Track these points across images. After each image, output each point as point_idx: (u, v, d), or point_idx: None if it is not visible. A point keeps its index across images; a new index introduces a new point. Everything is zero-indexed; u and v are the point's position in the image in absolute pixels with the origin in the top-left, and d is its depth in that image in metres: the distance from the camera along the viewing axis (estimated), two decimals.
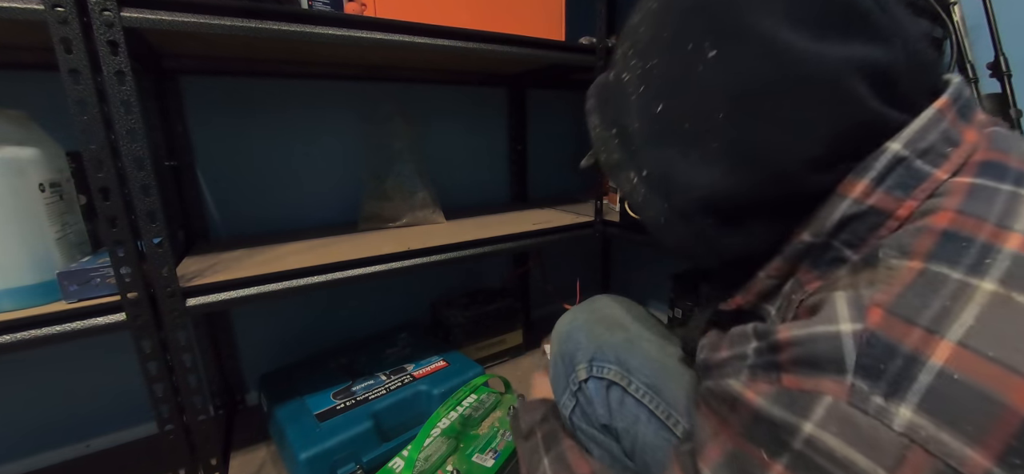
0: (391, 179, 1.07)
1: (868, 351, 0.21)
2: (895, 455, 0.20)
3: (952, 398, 0.19)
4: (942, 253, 0.22)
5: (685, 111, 0.28)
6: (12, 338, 0.57)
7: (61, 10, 0.53)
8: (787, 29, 0.24)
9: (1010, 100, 0.72)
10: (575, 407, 0.58)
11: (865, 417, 0.21)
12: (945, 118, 0.25)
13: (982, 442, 0.19)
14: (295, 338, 1.13)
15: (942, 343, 0.20)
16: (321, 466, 0.76)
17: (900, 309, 0.22)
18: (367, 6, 0.84)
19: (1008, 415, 0.18)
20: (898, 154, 0.25)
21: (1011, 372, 0.19)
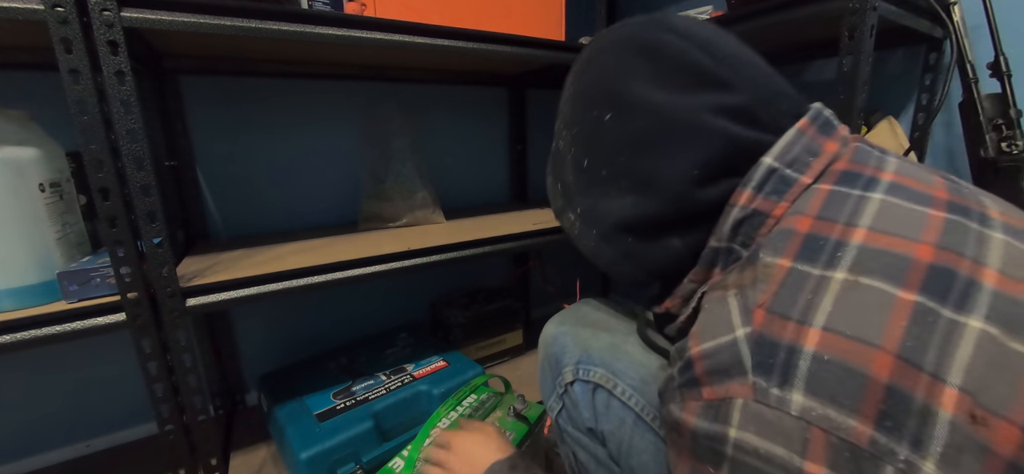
0: (391, 179, 1.07)
1: (759, 350, 0.25)
2: (800, 439, 0.23)
3: (828, 377, 0.23)
4: (804, 253, 0.27)
5: (600, 161, 0.37)
6: (12, 338, 0.57)
7: (61, 10, 0.53)
8: (655, 90, 0.33)
9: (1010, 100, 0.72)
10: (561, 410, 0.58)
11: (770, 410, 0.24)
12: (806, 134, 0.32)
13: (860, 411, 0.22)
14: (295, 338, 1.13)
15: (811, 331, 0.24)
16: (321, 466, 0.76)
17: (777, 307, 0.26)
18: (367, 6, 0.84)
19: (873, 384, 0.22)
20: (770, 166, 0.31)
21: (867, 345, 0.23)
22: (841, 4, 0.64)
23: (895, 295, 0.24)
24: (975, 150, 0.75)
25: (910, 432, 0.21)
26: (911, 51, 0.89)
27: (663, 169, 0.33)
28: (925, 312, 0.23)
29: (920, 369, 0.22)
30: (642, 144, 0.34)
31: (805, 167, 0.31)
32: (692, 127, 0.32)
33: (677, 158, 0.32)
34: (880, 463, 0.21)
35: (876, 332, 0.23)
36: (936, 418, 0.21)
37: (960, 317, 0.23)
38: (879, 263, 0.25)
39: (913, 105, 0.90)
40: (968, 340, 0.22)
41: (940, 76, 0.86)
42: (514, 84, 1.31)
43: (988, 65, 0.73)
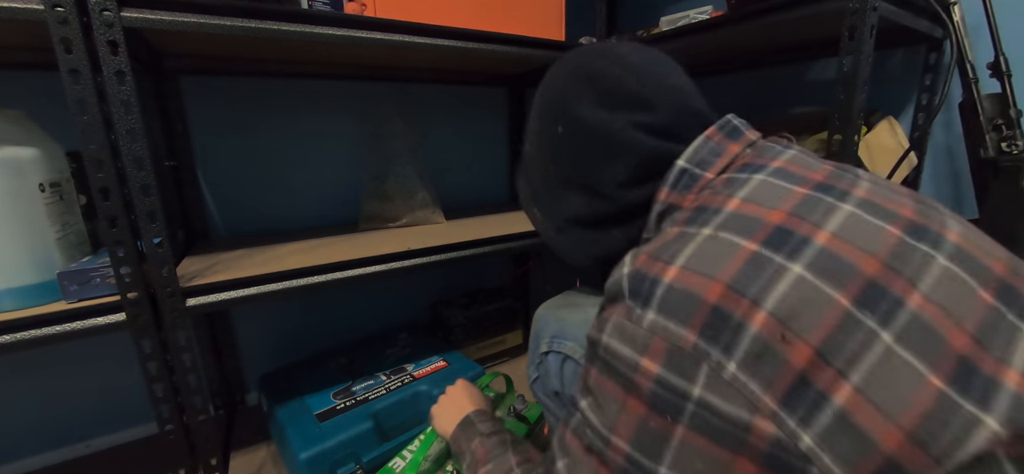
0: (391, 179, 1.07)
1: (633, 281, 0.32)
2: (643, 343, 0.30)
3: (674, 300, 0.30)
4: (691, 220, 0.34)
5: (555, 166, 0.45)
6: (12, 338, 0.57)
7: (61, 10, 0.53)
8: (594, 109, 0.41)
9: (1010, 100, 0.72)
10: (537, 379, 0.68)
11: (630, 324, 0.31)
12: (712, 140, 0.39)
13: (690, 324, 0.29)
14: (295, 338, 1.13)
15: (671, 268, 0.31)
16: (321, 466, 0.76)
17: (654, 254, 0.33)
18: (367, 6, 0.84)
19: (703, 304, 0.29)
20: (682, 167, 0.38)
21: (706, 277, 0.29)
22: (841, 4, 0.64)
23: (741, 244, 0.30)
24: (975, 150, 0.75)
25: (724, 341, 0.27)
26: (911, 51, 0.89)
27: (601, 175, 0.41)
28: (760, 257, 0.29)
29: (743, 296, 0.28)
30: (585, 155, 0.42)
31: (710, 165, 0.38)
32: (621, 142, 0.40)
33: (611, 167, 0.41)
34: (699, 362, 0.28)
35: (717, 269, 0.29)
36: (746, 332, 0.27)
37: (787, 263, 0.28)
38: (738, 223, 0.31)
39: (913, 105, 0.90)
40: (788, 279, 0.28)
41: (940, 76, 0.86)
42: (514, 84, 1.31)
43: (988, 65, 0.73)
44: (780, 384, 0.26)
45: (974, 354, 0.25)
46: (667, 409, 0.29)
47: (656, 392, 0.29)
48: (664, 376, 0.29)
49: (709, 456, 0.28)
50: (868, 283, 0.27)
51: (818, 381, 0.25)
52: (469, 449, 0.58)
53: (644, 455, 0.30)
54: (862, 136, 0.71)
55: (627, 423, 0.31)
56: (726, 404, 0.27)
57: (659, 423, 0.29)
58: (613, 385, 0.32)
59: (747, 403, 0.26)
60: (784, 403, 0.26)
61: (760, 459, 0.26)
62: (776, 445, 0.26)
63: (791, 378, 0.26)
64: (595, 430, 0.33)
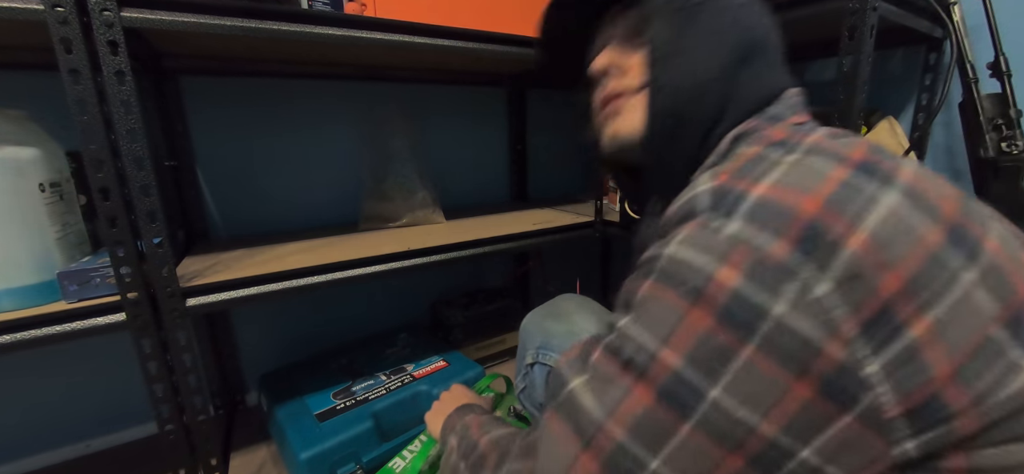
0: (391, 179, 1.07)
1: (714, 196, 0.30)
2: (722, 252, 0.28)
3: (765, 212, 0.28)
4: (772, 148, 0.32)
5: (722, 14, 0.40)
6: (12, 338, 0.57)
7: (61, 10, 0.53)
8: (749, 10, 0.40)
9: (1010, 100, 0.72)
10: (524, 389, 0.68)
11: (705, 232, 0.29)
12: (798, 97, 0.40)
13: (783, 235, 0.27)
14: (295, 338, 1.13)
15: (760, 185, 0.29)
16: (321, 466, 0.76)
17: (736, 173, 0.31)
18: (367, 6, 0.84)
19: (799, 216, 0.27)
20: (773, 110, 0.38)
21: (803, 192, 0.28)
22: (841, 4, 0.64)
23: (831, 170, 0.29)
24: (975, 150, 0.75)
25: (818, 257, 0.26)
26: (911, 51, 0.89)
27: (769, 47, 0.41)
28: (852, 184, 0.28)
29: (841, 215, 0.26)
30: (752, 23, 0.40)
31: (795, 111, 0.39)
32: (757, 35, 0.39)
33: (772, 49, 0.41)
34: (787, 278, 0.26)
35: (812, 185, 0.28)
36: (842, 251, 0.26)
37: (880, 191, 0.27)
38: (823, 153, 0.30)
39: (913, 105, 0.90)
40: (884, 206, 0.27)
41: (940, 76, 0.86)
42: (514, 84, 1.31)
43: (988, 65, 0.73)
44: (865, 310, 0.25)
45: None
46: (739, 324, 0.27)
47: (729, 305, 0.27)
48: (743, 289, 0.27)
49: (769, 378, 0.27)
50: (953, 222, 0.27)
51: (900, 312, 0.25)
52: (461, 423, 0.56)
53: (698, 371, 0.28)
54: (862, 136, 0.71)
55: (685, 336, 0.29)
56: (806, 324, 0.26)
57: (727, 339, 0.27)
58: (675, 296, 0.29)
59: (827, 326, 0.25)
60: (863, 330, 0.25)
61: (818, 384, 0.26)
62: (839, 370, 0.25)
63: (878, 305, 0.25)
64: (638, 345, 0.31)
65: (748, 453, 0.28)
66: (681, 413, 0.29)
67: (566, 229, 1.04)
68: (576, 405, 0.33)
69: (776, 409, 0.27)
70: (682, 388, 0.29)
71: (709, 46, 0.37)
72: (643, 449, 0.30)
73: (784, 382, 0.26)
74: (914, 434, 0.25)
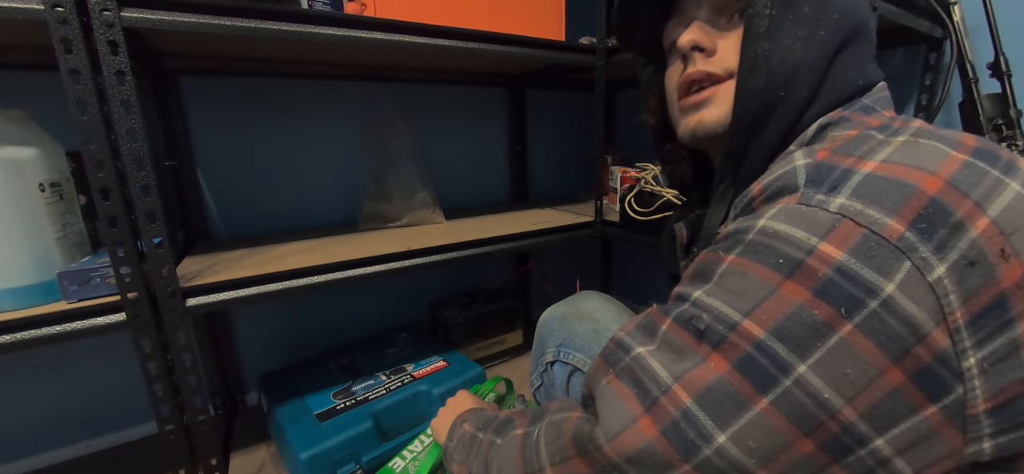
0: (391, 179, 1.07)
1: (815, 171, 0.29)
2: (827, 226, 0.26)
3: (876, 187, 0.26)
4: (878, 129, 0.30)
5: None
6: (12, 338, 0.57)
7: (61, 10, 0.53)
8: None
9: (1010, 100, 0.72)
10: (540, 386, 0.66)
11: (808, 208, 0.28)
12: (886, 93, 0.37)
13: (898, 213, 0.25)
14: (295, 338, 1.13)
15: (869, 163, 0.27)
16: (321, 466, 0.76)
17: (838, 150, 0.29)
18: (367, 6, 0.84)
19: (919, 194, 0.25)
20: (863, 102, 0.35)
21: (922, 170, 0.26)
22: None
23: (950, 152, 0.27)
24: None
25: (938, 238, 0.24)
26: (911, 51, 0.89)
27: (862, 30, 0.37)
28: (976, 167, 0.26)
29: (966, 196, 0.25)
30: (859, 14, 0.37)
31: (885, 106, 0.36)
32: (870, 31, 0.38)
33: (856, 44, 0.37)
34: (901, 256, 0.24)
35: (932, 165, 0.26)
36: (965, 234, 0.24)
37: (1005, 178, 0.26)
38: (937, 136, 0.28)
39: (913, 105, 0.90)
40: (1009, 194, 0.25)
41: (940, 76, 0.86)
42: (514, 84, 1.31)
43: (988, 65, 0.73)
44: (979, 299, 0.24)
45: None
46: (841, 301, 0.25)
47: (832, 280, 0.25)
48: (849, 265, 0.25)
49: (865, 361, 0.25)
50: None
51: (1015, 306, 0.24)
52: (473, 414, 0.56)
53: (785, 346, 0.26)
54: None
55: (774, 308, 0.27)
56: (914, 307, 0.24)
57: (825, 313, 0.26)
58: (766, 269, 0.28)
59: (937, 312, 0.24)
60: (973, 320, 0.24)
61: (913, 371, 0.24)
62: (938, 359, 0.24)
63: (992, 296, 0.24)
64: (718, 315, 0.29)
65: (821, 438, 0.26)
66: (759, 387, 0.27)
67: (566, 229, 1.05)
68: (643, 366, 0.32)
69: (864, 394, 0.25)
70: (765, 360, 0.27)
71: (810, 27, 0.34)
72: (711, 420, 0.28)
73: (879, 366, 0.25)
74: (994, 434, 0.25)
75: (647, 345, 0.33)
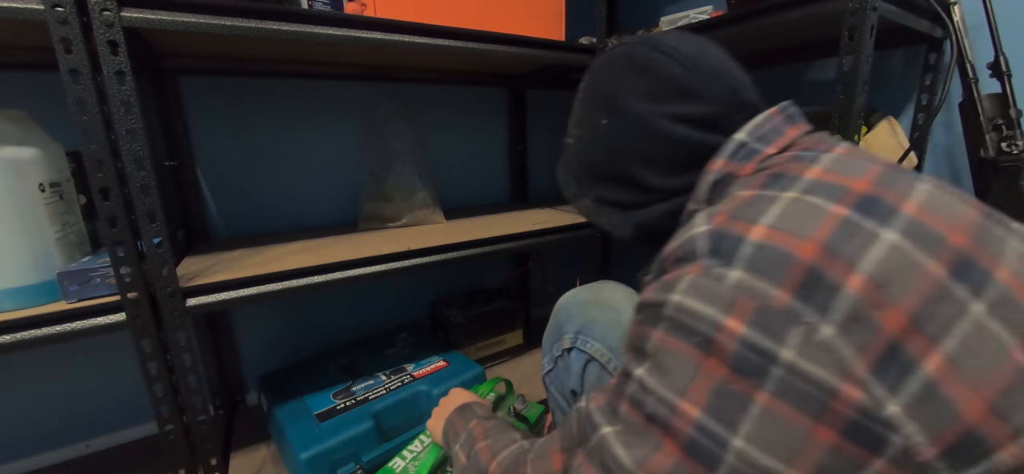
0: (391, 179, 1.07)
1: (713, 240, 0.31)
2: (728, 301, 0.29)
3: (764, 258, 0.29)
4: (769, 184, 0.33)
5: (596, 158, 0.46)
6: (12, 338, 0.57)
7: (61, 10, 0.53)
8: (642, 102, 0.42)
9: (1010, 100, 0.72)
10: (552, 370, 0.65)
11: (710, 282, 0.30)
12: (774, 118, 0.39)
13: (783, 284, 0.28)
14: (295, 338, 1.13)
15: (757, 227, 0.30)
16: (321, 466, 0.76)
17: (735, 214, 0.32)
18: (367, 6, 0.84)
19: (797, 262, 0.28)
20: (740, 140, 0.39)
21: (800, 237, 0.28)
22: (841, 4, 0.64)
23: (830, 208, 0.30)
24: (975, 150, 0.75)
25: (819, 302, 0.27)
26: (911, 51, 0.89)
27: (640, 169, 0.43)
28: (852, 221, 0.29)
29: (838, 257, 0.27)
30: (627, 149, 0.43)
31: (770, 142, 0.38)
32: (664, 135, 0.41)
33: (651, 161, 0.42)
34: (790, 323, 0.27)
35: (809, 229, 0.29)
36: (842, 294, 0.26)
37: (879, 229, 0.28)
38: (823, 189, 0.31)
39: (913, 105, 0.90)
40: (882, 245, 0.27)
41: (940, 76, 0.86)
42: (514, 84, 1.31)
43: (988, 65, 0.73)
44: (872, 350, 0.26)
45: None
46: (752, 372, 0.27)
47: (740, 354, 0.28)
48: (751, 337, 0.27)
49: (790, 424, 0.27)
50: (959, 254, 0.27)
51: (910, 348, 0.25)
52: (465, 428, 0.57)
53: (718, 422, 0.28)
54: (862, 136, 0.71)
55: (702, 387, 0.29)
56: (816, 368, 0.26)
57: (742, 386, 0.28)
58: (688, 347, 0.30)
59: (838, 368, 0.26)
60: (875, 369, 0.25)
61: (842, 427, 0.26)
62: (861, 412, 0.25)
63: (884, 344, 0.25)
64: (659, 397, 0.31)
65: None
66: (709, 466, 0.28)
67: (566, 229, 1.05)
68: (609, 452, 0.33)
69: (802, 455, 0.26)
70: (705, 440, 0.28)
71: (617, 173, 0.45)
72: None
73: (805, 426, 0.26)
74: (955, 472, 0.25)
75: (612, 425, 0.34)
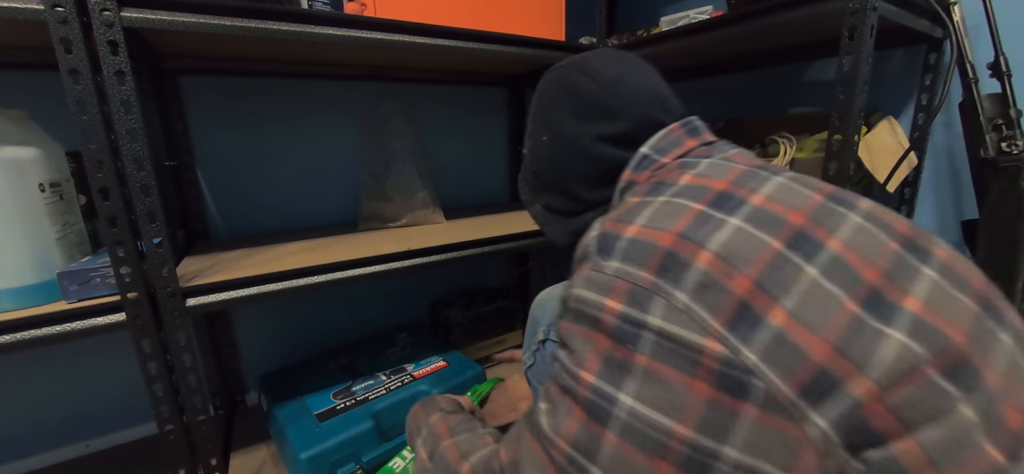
0: (391, 179, 1.07)
1: (600, 241, 0.38)
2: (608, 287, 0.35)
3: (635, 249, 0.35)
4: (651, 192, 0.40)
5: (542, 167, 0.54)
6: (12, 338, 0.57)
7: (61, 10, 0.53)
8: (571, 121, 0.49)
9: (1010, 100, 0.72)
10: (532, 365, 0.69)
11: (595, 273, 0.36)
12: (674, 133, 0.46)
13: (647, 266, 0.34)
14: (295, 338, 1.13)
15: (631, 227, 0.37)
16: (321, 466, 0.76)
17: (619, 218, 0.38)
18: (367, 6, 0.84)
19: (657, 249, 0.34)
20: (643, 153, 0.46)
21: (662, 230, 0.35)
22: (841, 4, 0.64)
23: (690, 205, 0.36)
24: (975, 150, 0.75)
25: (673, 275, 0.33)
26: (911, 51, 0.89)
27: (574, 183, 0.51)
28: (703, 215, 0.35)
29: (691, 241, 0.34)
30: (563, 164, 0.51)
31: (666, 153, 0.45)
32: (589, 153, 0.48)
33: (581, 176, 0.50)
34: (654, 296, 0.33)
35: (670, 224, 0.35)
36: (692, 268, 0.32)
37: (729, 217, 0.34)
38: (689, 191, 0.38)
39: (913, 105, 0.90)
40: (728, 229, 0.34)
41: (940, 76, 0.86)
42: (514, 84, 1.31)
43: (988, 65, 0.73)
44: (725, 310, 0.31)
45: (882, 286, 0.31)
46: (629, 339, 0.33)
47: (619, 326, 0.33)
48: (625, 311, 0.33)
49: (670, 382, 0.31)
50: (796, 231, 0.33)
51: (756, 305, 0.30)
52: (426, 423, 0.56)
53: (608, 384, 0.33)
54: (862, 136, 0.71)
55: (595, 358, 0.35)
56: (681, 329, 0.31)
57: (623, 353, 0.33)
58: (584, 329, 0.36)
59: (699, 327, 0.31)
60: (729, 325, 0.30)
61: (713, 379, 0.30)
62: (725, 363, 0.30)
63: (734, 304, 0.31)
64: (568, 371, 0.36)
65: (675, 458, 0.31)
66: (602, 422, 0.33)
67: None
68: (539, 426, 0.38)
69: (686, 411, 0.31)
70: (600, 400, 0.34)
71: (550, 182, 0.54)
72: (585, 459, 0.34)
73: (682, 381, 0.31)
74: (815, 407, 0.28)
75: (545, 403, 0.39)
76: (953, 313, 0.30)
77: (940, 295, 0.31)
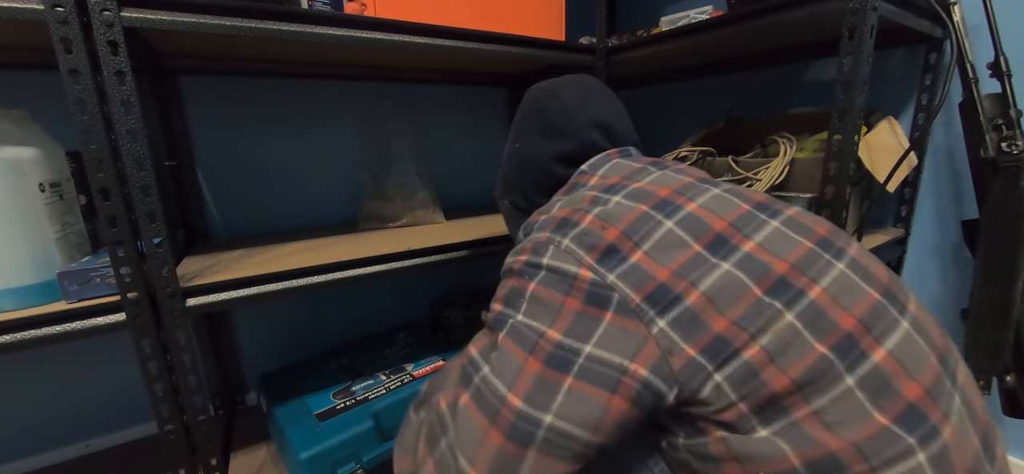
0: (391, 179, 1.07)
1: (526, 227, 0.50)
2: (522, 248, 0.47)
3: (541, 224, 0.47)
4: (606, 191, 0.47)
5: (509, 172, 0.64)
6: (12, 338, 0.57)
7: (61, 10, 0.53)
8: (536, 138, 0.60)
9: (1010, 100, 0.72)
10: None
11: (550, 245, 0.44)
12: (611, 158, 0.55)
13: (547, 228, 0.46)
14: (295, 338, 1.13)
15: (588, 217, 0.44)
16: (321, 466, 0.76)
17: (541, 210, 0.50)
18: (367, 6, 0.84)
19: (555, 218, 0.46)
20: (582, 169, 0.56)
21: (562, 209, 0.47)
22: (841, 4, 0.64)
23: (586, 193, 0.47)
24: (975, 150, 0.75)
25: (562, 231, 0.44)
26: (911, 51, 0.89)
27: (531, 188, 0.61)
28: (596, 197, 0.46)
29: (579, 210, 0.45)
30: (525, 172, 0.61)
31: (596, 171, 0.54)
32: (545, 167, 0.58)
33: (536, 186, 0.60)
34: (548, 245, 0.44)
35: (568, 205, 0.47)
36: (576, 226, 0.43)
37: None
38: (591, 187, 0.49)
39: (913, 105, 0.90)
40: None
41: (940, 76, 0.86)
42: (514, 84, 1.31)
43: (988, 65, 0.73)
44: (596, 250, 0.41)
45: (727, 232, 0.40)
46: (527, 275, 0.44)
47: (523, 269, 0.44)
48: (529, 259, 0.45)
49: (548, 300, 0.41)
50: (661, 199, 0.43)
51: (622, 248, 0.40)
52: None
53: (507, 307, 0.44)
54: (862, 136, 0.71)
55: (503, 292, 0.45)
56: (563, 264, 0.42)
57: (522, 285, 0.44)
58: (504, 279, 0.47)
59: (575, 261, 0.41)
60: (598, 260, 0.40)
61: (584, 296, 0.40)
62: (593, 284, 0.40)
63: (603, 245, 0.41)
64: (503, 314, 0.44)
65: (541, 354, 0.39)
66: (501, 329, 0.42)
67: None
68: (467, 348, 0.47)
69: (559, 319, 0.40)
70: (501, 316, 0.43)
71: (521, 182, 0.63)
72: (482, 360, 0.42)
73: (559, 299, 0.40)
74: (659, 313, 0.37)
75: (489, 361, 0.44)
76: (783, 250, 0.39)
77: (777, 237, 0.40)
